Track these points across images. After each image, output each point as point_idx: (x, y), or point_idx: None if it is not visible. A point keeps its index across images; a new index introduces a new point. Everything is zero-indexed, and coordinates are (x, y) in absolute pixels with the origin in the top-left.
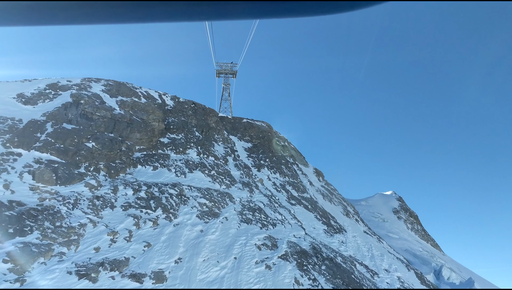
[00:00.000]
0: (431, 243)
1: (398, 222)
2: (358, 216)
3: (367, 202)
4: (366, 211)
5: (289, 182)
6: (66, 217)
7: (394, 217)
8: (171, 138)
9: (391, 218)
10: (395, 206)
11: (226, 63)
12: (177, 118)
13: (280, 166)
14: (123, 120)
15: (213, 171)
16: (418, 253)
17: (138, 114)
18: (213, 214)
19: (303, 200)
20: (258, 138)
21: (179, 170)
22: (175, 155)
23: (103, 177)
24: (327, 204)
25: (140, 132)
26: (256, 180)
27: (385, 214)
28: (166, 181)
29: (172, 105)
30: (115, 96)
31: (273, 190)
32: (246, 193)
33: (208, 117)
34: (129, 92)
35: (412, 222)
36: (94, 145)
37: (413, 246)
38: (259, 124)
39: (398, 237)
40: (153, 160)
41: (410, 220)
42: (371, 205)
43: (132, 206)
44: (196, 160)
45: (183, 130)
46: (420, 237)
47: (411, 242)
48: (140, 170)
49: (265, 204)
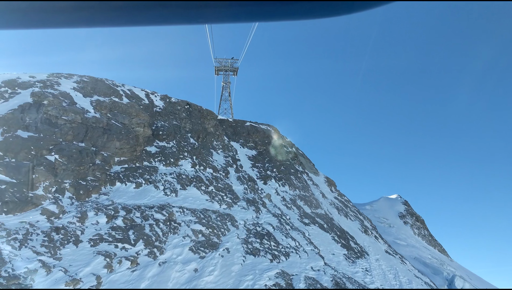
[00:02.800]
0: (438, 249)
1: (404, 227)
2: (377, 231)
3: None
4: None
5: (300, 196)
6: (9, 261)
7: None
8: (160, 147)
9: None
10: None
11: (226, 59)
12: (167, 122)
13: (289, 176)
14: (98, 126)
15: (211, 187)
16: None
17: (118, 117)
18: (211, 244)
19: (318, 217)
20: (263, 144)
21: (169, 187)
22: (165, 167)
23: (68, 201)
24: (343, 219)
25: (120, 140)
26: (263, 196)
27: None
28: (151, 202)
29: (162, 106)
30: (90, 96)
31: (282, 207)
32: (251, 214)
33: (205, 120)
34: (107, 91)
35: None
36: (58, 158)
37: (422, 254)
38: (264, 128)
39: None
40: (136, 175)
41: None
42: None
43: (104, 239)
44: (190, 173)
45: (174, 137)
46: (427, 242)
47: (420, 249)
48: (119, 188)
49: (275, 227)
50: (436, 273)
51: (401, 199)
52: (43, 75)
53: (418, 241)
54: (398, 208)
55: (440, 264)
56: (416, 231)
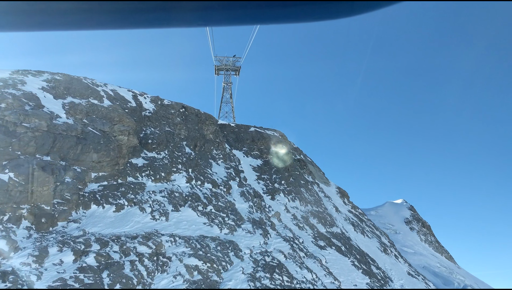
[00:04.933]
0: (445, 256)
1: (411, 233)
2: (395, 248)
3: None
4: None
5: (313, 213)
6: None
7: (407, 228)
8: (149, 158)
9: (403, 229)
10: (406, 216)
11: (227, 57)
12: (158, 128)
13: (299, 189)
14: (70, 134)
15: (210, 207)
16: (437, 270)
17: (96, 123)
18: (210, 284)
19: (334, 238)
20: (270, 152)
21: (158, 208)
22: (154, 184)
23: (25, 233)
24: (360, 237)
25: (98, 151)
26: (271, 215)
27: (397, 225)
28: (135, 230)
29: (153, 109)
30: (62, 97)
31: (294, 227)
32: (258, 239)
33: (204, 126)
34: (84, 91)
35: (425, 233)
36: (13, 176)
37: (431, 262)
38: (271, 134)
39: (413, 251)
40: (117, 194)
41: (423, 231)
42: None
43: (68, 286)
44: (185, 190)
45: (166, 146)
46: (434, 249)
47: (428, 257)
48: (95, 213)
49: (287, 255)
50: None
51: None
52: (5, 73)
53: (425, 248)
54: (403, 213)
55: (450, 273)
56: (423, 237)
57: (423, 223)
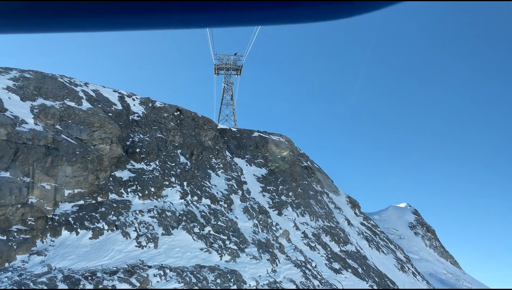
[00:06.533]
0: (451, 261)
1: (415, 238)
2: (411, 263)
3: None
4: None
5: (325, 229)
6: None
7: (411, 233)
8: (136, 171)
9: (407, 234)
10: (410, 220)
11: (228, 55)
12: (148, 135)
13: (308, 201)
14: (37, 143)
15: (208, 228)
16: (444, 277)
17: (72, 130)
18: None
19: (349, 258)
20: (275, 160)
21: (146, 232)
22: (141, 201)
23: None
24: (376, 254)
25: (74, 163)
26: (279, 234)
27: (401, 229)
28: (115, 262)
29: (142, 112)
30: (32, 99)
31: (305, 248)
32: (265, 266)
33: (202, 131)
34: (59, 92)
35: (430, 238)
36: None
37: (437, 269)
38: (276, 139)
39: (419, 257)
40: (95, 216)
41: (427, 235)
42: (385, 219)
43: None
44: (178, 207)
45: (158, 155)
46: (439, 254)
47: (433, 263)
48: (66, 241)
49: (299, 285)
50: None
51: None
52: None
53: (431, 254)
54: (407, 217)
55: (456, 279)
56: (428, 242)
57: (428, 227)
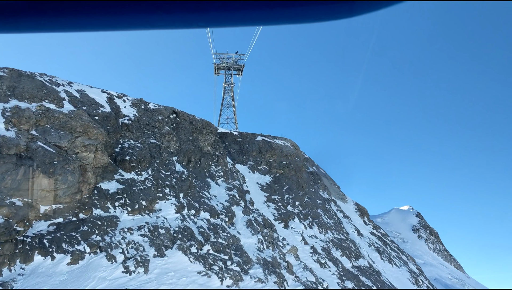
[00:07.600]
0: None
1: (419, 242)
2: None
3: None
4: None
5: (335, 242)
6: None
7: (414, 237)
8: (125, 181)
9: (411, 237)
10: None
11: (229, 54)
12: (140, 140)
13: (316, 211)
14: (7, 152)
15: (207, 246)
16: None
17: (50, 136)
18: None
19: (362, 274)
20: (281, 167)
21: (135, 254)
22: (131, 217)
23: None
24: (388, 267)
25: (52, 175)
26: (286, 251)
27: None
28: None
29: (134, 115)
30: (4, 100)
31: (315, 265)
32: None
33: (200, 136)
34: (37, 92)
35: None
36: None
37: (441, 273)
38: (281, 143)
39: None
40: (75, 237)
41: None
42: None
43: None
44: (173, 223)
45: (151, 163)
46: (443, 258)
47: (438, 267)
48: (38, 267)
49: None
50: None
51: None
52: None
53: (435, 258)
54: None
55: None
56: (431, 245)
57: (431, 230)
